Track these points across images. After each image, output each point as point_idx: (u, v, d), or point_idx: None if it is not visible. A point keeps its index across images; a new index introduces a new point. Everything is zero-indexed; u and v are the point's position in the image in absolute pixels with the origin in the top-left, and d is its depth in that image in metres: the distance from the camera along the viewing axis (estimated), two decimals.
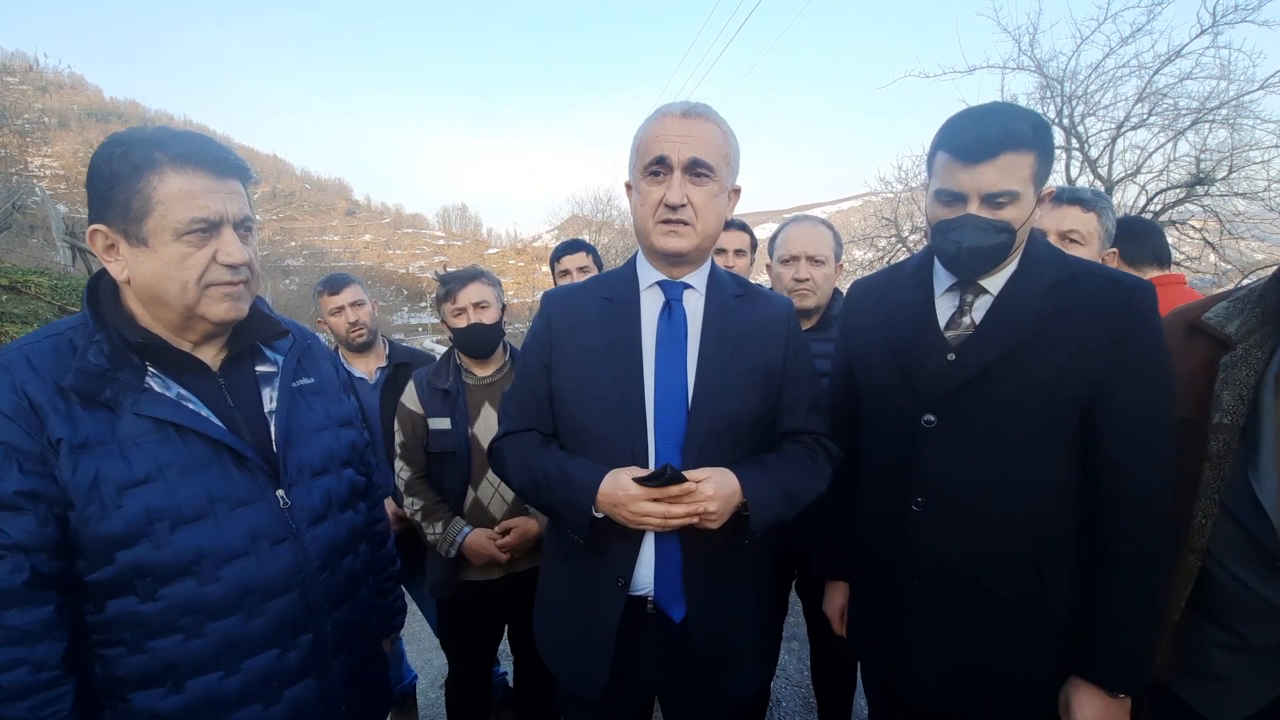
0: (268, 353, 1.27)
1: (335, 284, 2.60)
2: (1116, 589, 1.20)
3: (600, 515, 1.24)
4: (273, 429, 1.20)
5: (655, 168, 1.25)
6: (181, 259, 1.04)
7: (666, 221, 1.27)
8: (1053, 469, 1.24)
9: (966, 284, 1.33)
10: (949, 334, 1.33)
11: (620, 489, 1.18)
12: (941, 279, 1.38)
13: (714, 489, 1.17)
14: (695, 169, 1.25)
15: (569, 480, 1.26)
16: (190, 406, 1.10)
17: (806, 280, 2.15)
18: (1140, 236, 2.21)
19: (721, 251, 2.47)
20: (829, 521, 1.62)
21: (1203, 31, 6.77)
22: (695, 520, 1.18)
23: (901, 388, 1.36)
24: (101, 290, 1.11)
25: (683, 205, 1.25)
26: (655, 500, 1.16)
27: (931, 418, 1.31)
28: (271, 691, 1.14)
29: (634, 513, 1.17)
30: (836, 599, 1.69)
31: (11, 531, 0.95)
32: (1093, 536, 1.24)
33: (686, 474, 1.17)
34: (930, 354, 1.33)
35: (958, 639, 1.32)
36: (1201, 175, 7.35)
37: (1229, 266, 7.90)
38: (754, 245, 2.65)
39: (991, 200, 1.20)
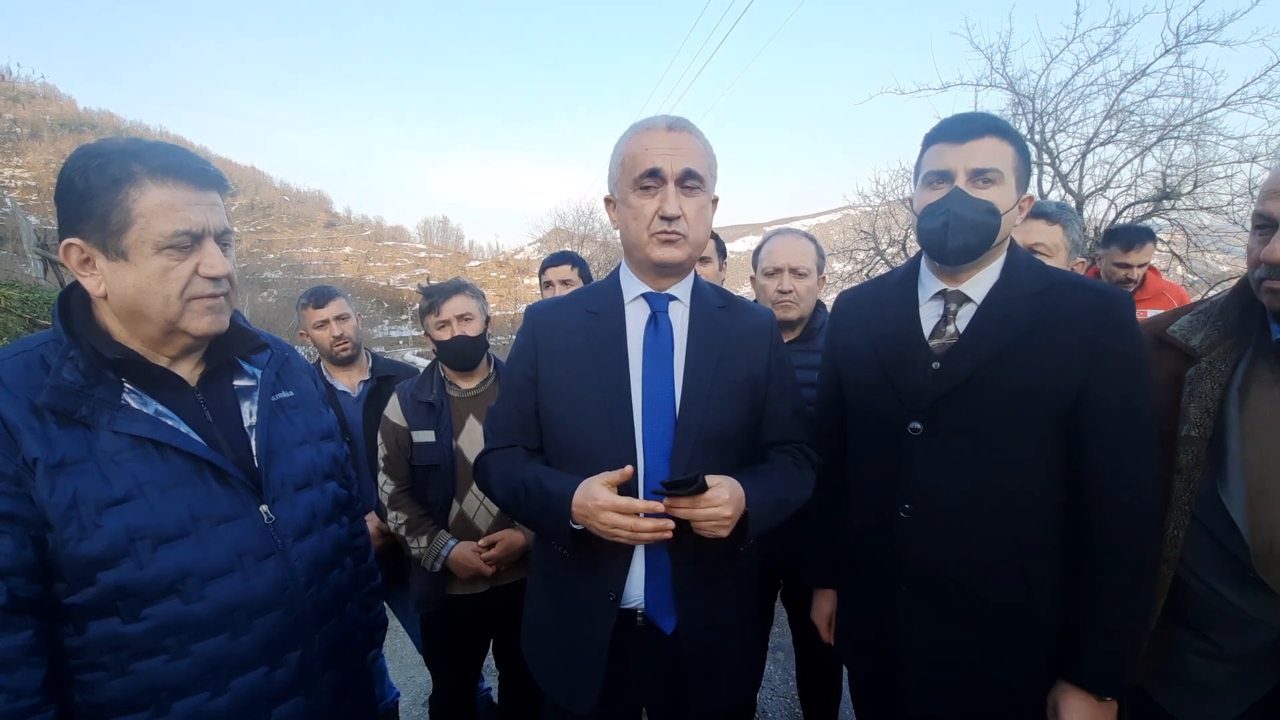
0: (245, 367, 1.25)
1: (320, 297, 2.58)
2: (1102, 592, 1.22)
3: (579, 527, 1.22)
4: (253, 444, 1.18)
5: (647, 180, 1.25)
6: (163, 272, 1.02)
7: (662, 233, 1.27)
8: (1037, 475, 1.26)
9: (950, 292, 1.35)
10: (934, 343, 1.35)
11: (590, 499, 1.16)
12: (926, 287, 1.40)
13: (729, 494, 1.17)
14: (687, 180, 1.26)
15: (545, 492, 1.25)
16: (169, 423, 1.07)
17: (790, 292, 2.17)
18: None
19: None
20: (817, 529, 1.63)
21: (1166, 51, 6.99)
22: (709, 526, 1.16)
23: (888, 396, 1.38)
24: (73, 305, 1.09)
25: (678, 216, 1.26)
26: (626, 514, 1.14)
27: (918, 425, 1.32)
28: (260, 710, 1.11)
29: (602, 524, 1.15)
30: (824, 606, 1.69)
31: None
32: (1078, 541, 1.25)
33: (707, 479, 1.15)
34: (915, 362, 1.35)
35: (946, 644, 1.33)
36: (1168, 190, 7.56)
37: (1195, 278, 8.12)
38: (722, 251, 2.66)
39: (979, 175, 1.25)
